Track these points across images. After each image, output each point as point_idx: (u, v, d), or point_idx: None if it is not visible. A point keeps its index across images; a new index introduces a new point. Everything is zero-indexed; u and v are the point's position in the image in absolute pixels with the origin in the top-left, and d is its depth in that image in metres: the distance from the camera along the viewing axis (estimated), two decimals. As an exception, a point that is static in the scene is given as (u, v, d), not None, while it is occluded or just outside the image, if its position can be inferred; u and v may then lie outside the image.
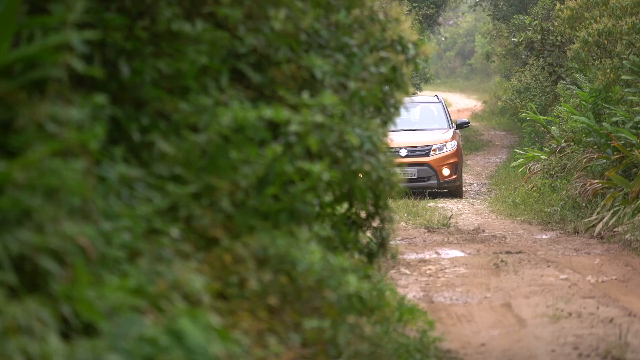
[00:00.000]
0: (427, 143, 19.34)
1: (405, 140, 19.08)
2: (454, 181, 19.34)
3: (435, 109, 20.62)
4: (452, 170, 19.25)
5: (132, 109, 5.24)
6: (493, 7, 34.17)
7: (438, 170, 19.12)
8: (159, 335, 3.64)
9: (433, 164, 19.14)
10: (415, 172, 18.96)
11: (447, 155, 19.28)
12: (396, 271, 12.11)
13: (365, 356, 5.85)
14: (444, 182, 19.24)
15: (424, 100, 21.13)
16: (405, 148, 19.10)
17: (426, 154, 19.20)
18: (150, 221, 4.73)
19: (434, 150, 19.23)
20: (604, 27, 18.62)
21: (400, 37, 7.53)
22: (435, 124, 20.34)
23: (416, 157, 19.08)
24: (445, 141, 19.46)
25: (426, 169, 19.11)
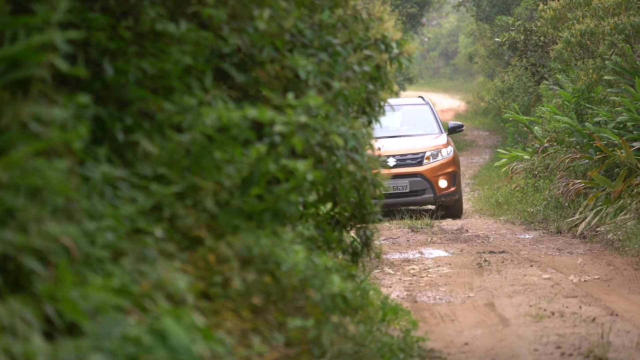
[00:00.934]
0: (419, 150, 16.24)
1: (392, 148, 16.14)
2: (452, 194, 16.21)
3: (422, 111, 17.74)
4: (450, 182, 16.17)
5: (116, 109, 5.24)
6: (476, 8, 34.26)
7: (434, 182, 16.03)
8: (142, 335, 3.64)
9: (427, 174, 16.05)
10: (406, 184, 15.91)
11: (443, 163, 16.22)
12: (380, 271, 12.12)
13: (349, 356, 5.86)
14: (441, 195, 16.09)
15: (408, 102, 18.53)
16: (394, 157, 16.06)
17: (418, 163, 16.11)
18: (134, 221, 4.73)
19: (428, 158, 16.17)
20: (587, 27, 18.70)
21: (383, 36, 7.55)
22: (423, 128, 17.46)
23: (407, 167, 16.02)
24: (439, 147, 16.40)
25: (419, 181, 16.02)
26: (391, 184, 15.59)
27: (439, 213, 16.49)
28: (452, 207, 16.46)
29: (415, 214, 16.37)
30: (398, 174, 15.85)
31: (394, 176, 15.57)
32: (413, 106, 17.89)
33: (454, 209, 16.50)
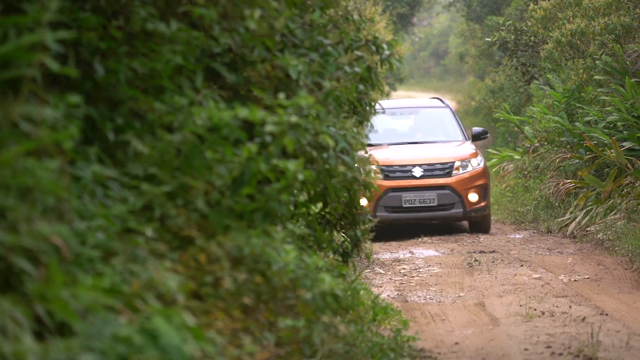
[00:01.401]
0: (448, 159, 14.44)
1: (418, 156, 14.50)
2: (482, 209, 14.51)
3: (441, 115, 15.85)
4: (480, 196, 14.48)
5: (107, 109, 5.24)
6: (467, 8, 34.30)
7: (463, 195, 14.36)
8: (133, 335, 3.64)
9: (457, 186, 14.34)
10: (434, 197, 14.29)
11: (473, 175, 14.48)
12: (370, 270, 12.13)
13: (339, 355, 5.87)
14: (471, 210, 14.39)
15: (423, 104, 16.51)
16: (420, 166, 14.33)
17: (447, 174, 14.35)
18: (124, 221, 4.73)
19: (457, 168, 14.38)
20: (577, 27, 18.74)
21: (374, 37, 7.56)
22: (444, 134, 15.58)
23: (435, 178, 14.33)
24: (469, 156, 14.60)
25: (448, 194, 14.32)
26: (417, 197, 14.35)
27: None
28: (481, 224, 14.83)
29: (436, 230, 15.09)
30: (425, 185, 14.34)
31: (420, 188, 14.33)
32: (430, 109, 16.02)
33: (482, 226, 14.87)
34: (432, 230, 15.03)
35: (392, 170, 14.29)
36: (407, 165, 14.32)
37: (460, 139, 15.39)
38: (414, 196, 14.21)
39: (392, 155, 14.46)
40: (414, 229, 14.98)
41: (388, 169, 14.28)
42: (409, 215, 14.29)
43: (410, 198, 14.22)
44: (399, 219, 14.31)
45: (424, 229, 14.94)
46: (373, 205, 14.10)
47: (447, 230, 15.09)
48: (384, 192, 14.15)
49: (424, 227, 15.01)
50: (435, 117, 15.83)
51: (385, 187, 14.21)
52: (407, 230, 14.99)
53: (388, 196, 14.22)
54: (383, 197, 14.18)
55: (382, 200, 14.17)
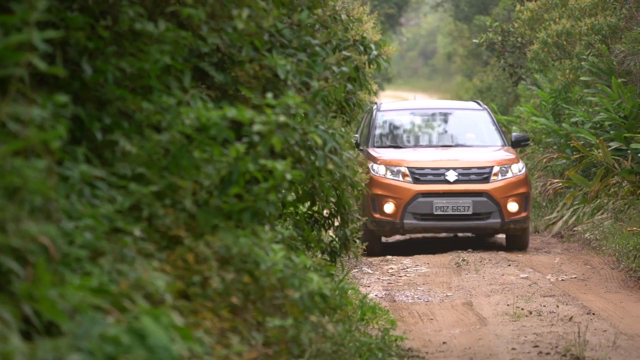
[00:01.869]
0: (486, 164, 13.04)
1: (452, 159, 13.19)
2: (522, 221, 13.03)
3: (479, 118, 14.33)
4: (521, 205, 12.98)
5: (95, 108, 5.23)
6: (454, 8, 34.35)
7: (502, 204, 12.87)
8: (121, 335, 3.64)
9: (495, 194, 12.86)
10: (469, 205, 12.83)
11: (514, 182, 13.03)
12: (358, 270, 12.14)
13: (327, 355, 5.87)
14: (510, 221, 12.91)
15: (460, 106, 14.96)
16: (454, 170, 12.94)
17: (485, 180, 12.92)
18: (112, 220, 4.73)
19: (496, 174, 12.95)
20: (563, 28, 18.79)
21: (362, 37, 7.58)
22: (481, 138, 14.07)
23: (471, 184, 12.87)
24: (509, 162, 13.18)
25: (485, 202, 12.86)
26: (450, 204, 12.89)
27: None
28: (519, 238, 13.27)
29: (469, 243, 13.95)
30: (459, 191, 12.87)
31: (453, 193, 12.91)
32: (467, 112, 14.52)
33: (520, 240, 13.29)
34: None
35: (423, 173, 12.98)
36: (439, 169, 12.96)
37: (499, 143, 13.92)
38: (447, 202, 12.85)
39: (423, 157, 13.28)
40: (436, 243, 14.24)
41: (418, 172, 13.00)
42: (440, 224, 12.93)
43: (442, 204, 12.86)
44: (428, 228, 13.08)
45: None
46: (400, 212, 12.89)
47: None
48: (412, 197, 12.89)
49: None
50: (471, 120, 14.32)
51: (415, 192, 12.91)
52: (426, 240, 14.83)
53: (417, 202, 12.89)
54: (411, 202, 12.88)
55: (411, 206, 12.89)
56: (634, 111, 15.28)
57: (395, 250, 13.88)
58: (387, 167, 13.02)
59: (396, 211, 12.83)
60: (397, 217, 12.86)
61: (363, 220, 8.46)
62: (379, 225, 12.98)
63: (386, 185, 12.92)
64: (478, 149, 13.65)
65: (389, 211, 12.89)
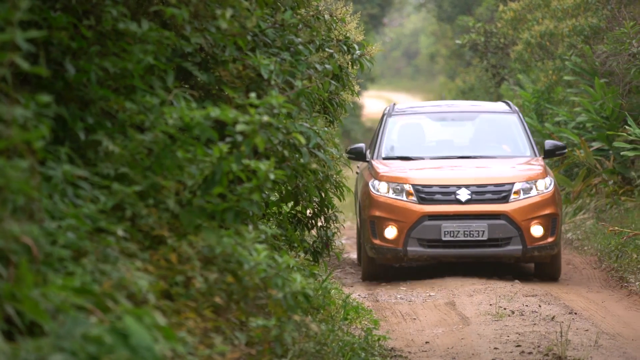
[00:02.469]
0: (505, 180, 10.86)
1: (466, 174, 11.03)
2: (549, 247, 10.81)
3: (507, 123, 12.05)
4: (547, 229, 10.80)
5: (78, 108, 5.23)
6: (437, 9, 34.43)
7: (524, 228, 10.72)
8: (103, 335, 3.63)
9: (516, 216, 10.74)
10: (484, 229, 10.70)
11: (539, 201, 10.86)
12: (342, 270, 12.16)
13: (310, 354, 5.88)
14: (534, 248, 10.74)
15: (486, 108, 12.60)
16: (467, 187, 10.83)
17: (503, 199, 10.78)
18: (95, 220, 4.72)
19: (517, 192, 10.81)
20: (546, 28, 18.85)
21: (345, 37, 7.59)
22: (508, 147, 11.90)
23: (487, 204, 10.77)
24: (535, 177, 10.98)
25: (503, 225, 10.73)
26: (461, 228, 10.74)
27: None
28: (547, 267, 11.14)
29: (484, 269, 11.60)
30: (473, 212, 10.76)
31: (466, 215, 10.77)
32: (494, 115, 12.23)
33: (549, 269, 11.14)
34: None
35: (430, 192, 10.80)
36: (449, 186, 10.79)
37: (528, 154, 11.67)
38: (458, 226, 10.70)
39: (430, 172, 11.07)
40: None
41: (424, 190, 10.81)
42: (450, 252, 10.77)
43: (452, 229, 10.70)
44: (436, 256, 10.86)
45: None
46: (402, 237, 10.76)
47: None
48: (417, 219, 10.74)
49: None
50: (498, 125, 12.05)
51: (420, 214, 10.74)
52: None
53: (423, 225, 10.73)
54: (416, 226, 10.74)
55: (415, 230, 10.73)
56: (616, 111, 15.35)
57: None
58: (389, 184, 10.89)
59: (398, 236, 10.75)
60: (399, 243, 10.76)
61: (345, 222, 8.42)
62: (379, 253, 10.93)
63: (387, 205, 10.83)
64: (499, 161, 11.39)
65: (391, 236, 10.78)
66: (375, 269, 11.20)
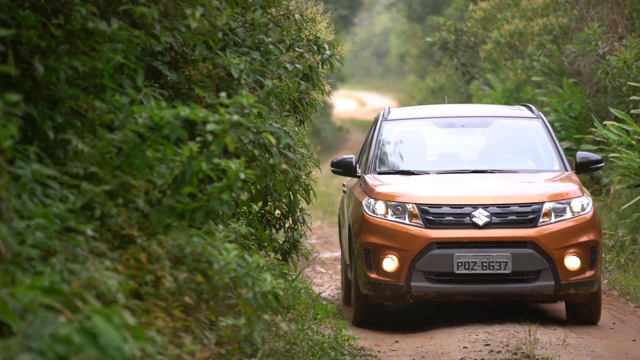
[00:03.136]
0: (533, 198, 8.74)
1: (484, 192, 8.88)
2: (588, 283, 8.63)
3: (530, 130, 9.85)
4: (585, 261, 8.64)
5: (47, 107, 5.21)
6: (407, 8, 34.52)
7: (556, 259, 8.57)
8: (72, 335, 3.62)
9: (546, 243, 8.57)
10: (506, 260, 8.52)
11: (574, 226, 8.70)
12: (312, 269, 12.17)
13: (280, 354, 5.89)
14: (569, 284, 8.54)
15: (502, 112, 10.45)
16: (486, 208, 8.66)
17: (530, 222, 8.62)
18: (64, 220, 4.71)
19: (547, 214, 8.67)
20: (516, 28, 18.96)
21: (316, 37, 7.60)
22: (531, 160, 9.68)
23: (510, 229, 8.62)
24: (568, 195, 8.82)
25: (531, 256, 8.56)
26: (479, 258, 8.54)
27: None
28: (584, 308, 8.83)
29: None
30: (493, 239, 8.58)
31: (484, 243, 8.57)
32: (513, 121, 10.02)
33: (585, 310, 8.84)
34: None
35: (439, 213, 8.62)
36: (464, 206, 8.61)
37: (557, 167, 9.45)
38: (474, 256, 8.51)
39: (440, 189, 8.88)
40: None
41: (432, 211, 8.62)
42: (464, 289, 8.53)
43: (467, 259, 8.49)
44: (446, 293, 8.58)
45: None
46: (405, 270, 8.53)
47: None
48: (423, 247, 8.52)
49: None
50: (518, 133, 9.89)
51: (427, 240, 8.53)
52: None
53: (431, 255, 8.51)
54: (422, 256, 8.51)
55: (421, 261, 8.51)
56: (584, 112, 15.46)
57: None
58: (388, 203, 8.66)
59: (400, 269, 8.51)
60: (401, 277, 8.51)
61: (315, 221, 8.39)
62: (375, 289, 8.58)
63: (386, 230, 8.58)
64: (524, 176, 9.23)
65: (390, 268, 8.52)
66: (369, 309, 8.85)
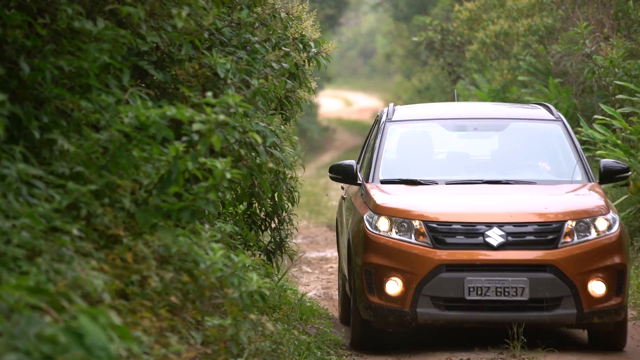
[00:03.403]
0: (554, 216, 7.79)
1: (497, 208, 7.95)
2: (615, 312, 7.69)
3: (549, 135, 8.77)
4: (611, 287, 7.71)
5: (33, 107, 5.20)
6: (393, 8, 34.56)
7: (579, 285, 7.64)
8: (58, 334, 3.62)
9: (567, 267, 7.64)
10: (523, 285, 7.59)
11: (599, 247, 7.75)
12: (298, 269, 12.18)
13: (266, 353, 5.89)
14: (593, 312, 7.60)
15: (518, 114, 9.24)
16: (501, 227, 7.72)
17: (551, 243, 7.68)
18: (50, 219, 4.70)
19: (569, 234, 7.71)
20: (501, 28, 19.01)
21: (302, 35, 7.61)
22: (550, 169, 8.64)
23: (527, 250, 7.66)
24: (593, 212, 7.83)
25: (551, 281, 7.63)
26: (492, 283, 7.58)
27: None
28: (609, 337, 7.87)
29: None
30: (507, 262, 7.62)
31: (499, 266, 7.61)
32: (530, 124, 8.90)
33: (611, 340, 7.89)
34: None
35: (450, 232, 7.65)
36: (476, 224, 7.66)
37: (580, 178, 8.34)
38: (488, 281, 7.56)
39: (450, 204, 7.94)
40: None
41: (441, 229, 7.65)
42: (476, 316, 7.59)
43: (479, 284, 7.53)
44: (456, 321, 7.62)
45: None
46: (411, 294, 7.54)
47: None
48: (431, 270, 7.56)
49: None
50: (536, 138, 8.79)
51: (435, 262, 7.57)
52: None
53: (439, 279, 7.55)
54: (429, 279, 7.54)
55: (428, 285, 7.53)
56: (570, 111, 15.51)
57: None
58: (392, 219, 7.66)
59: (404, 293, 7.53)
60: (405, 302, 7.53)
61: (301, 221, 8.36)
62: (377, 315, 7.58)
63: (389, 250, 7.60)
64: (543, 189, 8.22)
65: (394, 292, 7.52)
66: (370, 333, 7.86)
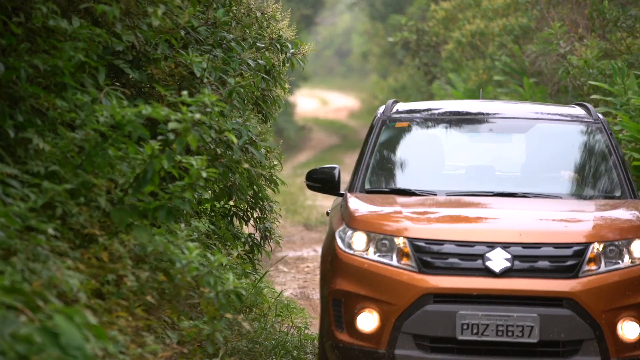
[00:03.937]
0: (574, 237, 6.10)
1: (500, 225, 6.29)
2: None
3: (585, 138, 7.15)
4: None
5: (7, 106, 5.18)
6: (370, 7, 34.61)
7: (605, 325, 5.90)
8: (33, 334, 3.61)
9: (590, 302, 5.90)
10: (532, 323, 5.86)
11: (633, 278, 6.01)
12: (274, 269, 12.17)
13: (243, 353, 5.89)
14: (624, 359, 5.90)
15: (546, 112, 7.51)
16: (504, 247, 6.00)
17: (569, 271, 5.96)
18: (25, 219, 4.68)
19: (594, 259, 6.01)
20: (477, 28, 19.08)
21: (278, 35, 7.61)
22: (583, 180, 7.03)
23: (538, 278, 5.94)
24: (627, 234, 6.13)
25: (569, 318, 5.88)
26: (493, 320, 5.97)
27: None
28: None
29: None
30: (513, 293, 6.01)
31: (500, 298, 6.02)
32: (560, 125, 7.30)
33: None
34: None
35: (440, 253, 6.08)
36: (475, 244, 6.09)
37: (618, 193, 6.89)
38: (486, 317, 5.99)
39: (442, 218, 6.45)
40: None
41: (430, 249, 6.08)
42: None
43: (475, 320, 5.96)
44: None
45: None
46: (387, 331, 5.95)
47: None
48: (415, 300, 5.99)
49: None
50: (567, 143, 7.22)
51: (420, 291, 6.01)
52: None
53: (425, 312, 5.98)
54: (412, 312, 5.97)
55: (411, 320, 5.96)
56: (545, 111, 15.57)
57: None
58: (370, 235, 6.11)
59: (380, 329, 5.99)
60: (381, 342, 5.97)
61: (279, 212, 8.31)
62: (345, 357, 6.07)
63: (364, 273, 6.06)
64: (568, 204, 6.73)
65: (367, 329, 5.97)
66: None
